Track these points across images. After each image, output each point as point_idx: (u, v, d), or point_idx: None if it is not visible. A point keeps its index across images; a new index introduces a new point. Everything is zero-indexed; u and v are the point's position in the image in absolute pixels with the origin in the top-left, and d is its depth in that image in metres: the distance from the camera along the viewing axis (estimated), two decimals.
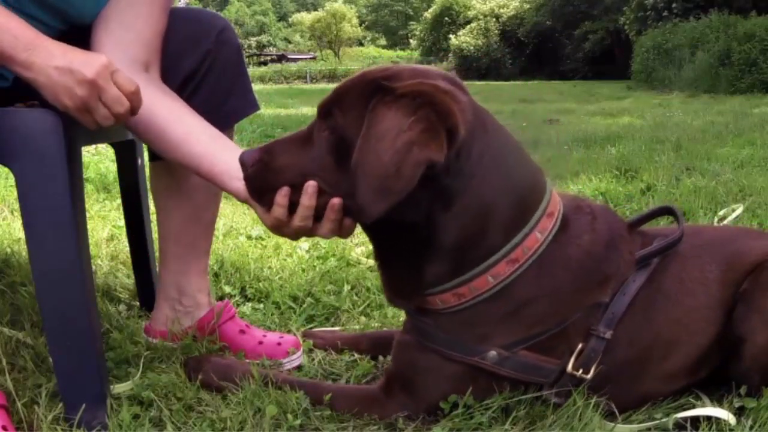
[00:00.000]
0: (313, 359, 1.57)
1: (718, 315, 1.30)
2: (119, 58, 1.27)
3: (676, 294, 1.30)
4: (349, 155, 1.09)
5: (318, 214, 1.18)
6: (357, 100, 1.13)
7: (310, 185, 1.15)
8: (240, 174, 1.22)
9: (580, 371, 1.23)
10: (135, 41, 1.34)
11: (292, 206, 1.18)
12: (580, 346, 1.23)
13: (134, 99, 1.19)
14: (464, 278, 1.20)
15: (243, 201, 1.28)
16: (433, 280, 1.22)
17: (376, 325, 1.76)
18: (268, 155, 1.20)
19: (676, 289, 1.30)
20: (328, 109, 1.17)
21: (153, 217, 1.74)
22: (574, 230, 1.26)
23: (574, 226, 1.26)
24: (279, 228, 1.22)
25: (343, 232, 1.21)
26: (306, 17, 56.67)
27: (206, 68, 1.44)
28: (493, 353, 1.21)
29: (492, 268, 1.20)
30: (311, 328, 1.76)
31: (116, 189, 3.10)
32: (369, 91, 1.12)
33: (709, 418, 1.21)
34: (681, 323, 1.29)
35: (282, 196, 1.17)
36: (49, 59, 1.12)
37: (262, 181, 1.20)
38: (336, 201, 1.15)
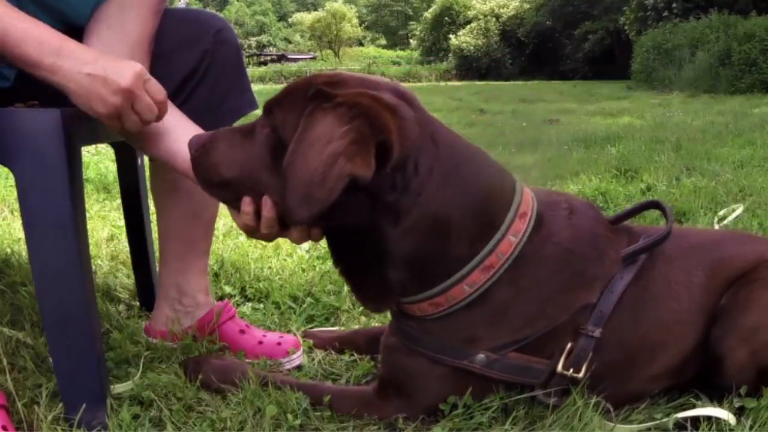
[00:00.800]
0: (313, 359, 1.57)
1: (699, 321, 1.29)
2: None
3: (662, 295, 1.29)
4: (284, 155, 1.08)
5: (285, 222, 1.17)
6: (298, 102, 1.12)
7: (268, 198, 1.15)
8: None
9: (571, 371, 1.22)
10: (121, 42, 1.33)
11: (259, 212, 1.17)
12: (569, 345, 1.23)
13: (162, 107, 1.21)
14: (438, 289, 1.19)
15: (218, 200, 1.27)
16: (400, 290, 1.21)
17: (376, 325, 1.75)
18: (211, 142, 1.20)
19: (662, 290, 1.30)
20: (270, 107, 1.17)
21: (153, 217, 1.74)
22: (551, 228, 1.25)
23: (550, 224, 1.25)
24: (251, 233, 1.22)
25: (313, 237, 1.20)
26: (306, 17, 56.61)
27: (205, 68, 1.44)
28: (481, 356, 1.21)
29: (467, 278, 1.19)
30: (311, 328, 1.76)
31: (116, 189, 3.10)
32: (310, 95, 1.10)
33: (709, 418, 1.21)
34: (666, 325, 1.29)
35: (247, 205, 1.16)
36: (79, 65, 1.12)
37: (204, 166, 1.20)
38: None
